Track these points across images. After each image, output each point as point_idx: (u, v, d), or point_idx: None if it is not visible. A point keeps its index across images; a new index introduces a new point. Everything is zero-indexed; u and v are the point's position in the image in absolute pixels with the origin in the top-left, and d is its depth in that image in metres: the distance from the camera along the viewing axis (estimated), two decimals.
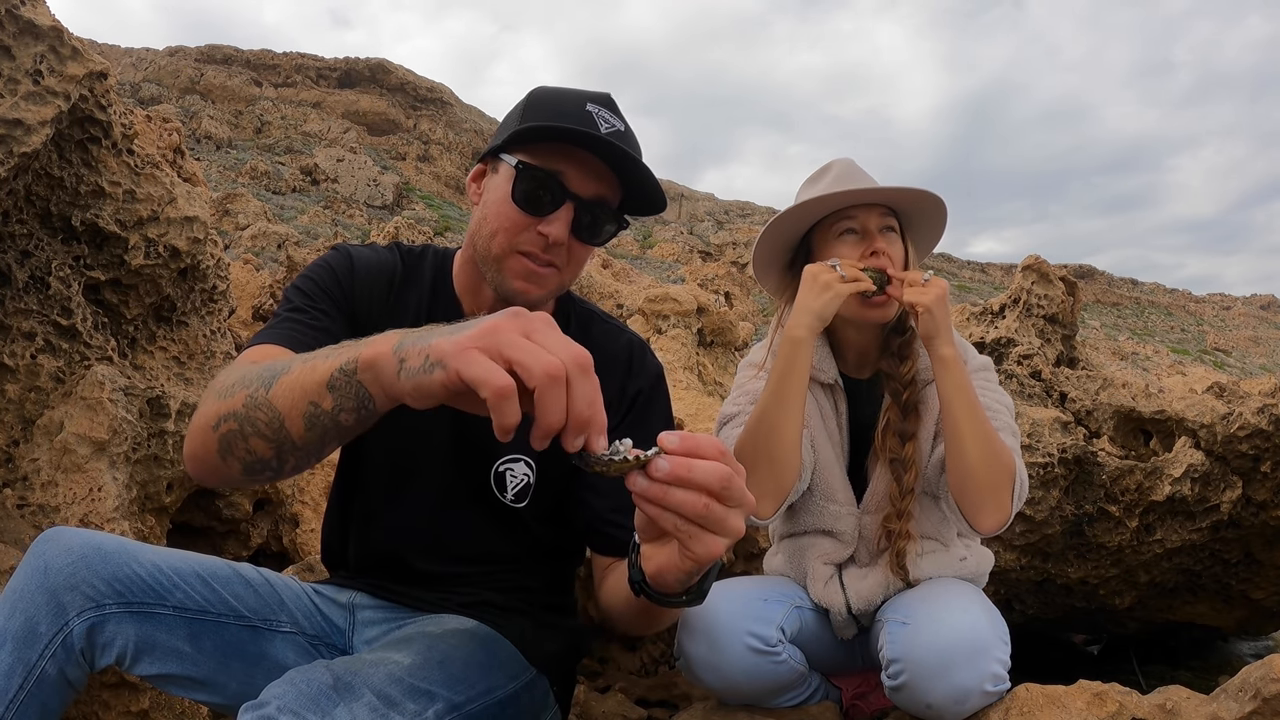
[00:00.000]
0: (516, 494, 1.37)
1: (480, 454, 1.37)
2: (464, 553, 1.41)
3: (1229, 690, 1.32)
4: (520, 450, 1.37)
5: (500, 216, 1.24)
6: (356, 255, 1.39)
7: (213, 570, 1.30)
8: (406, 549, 1.41)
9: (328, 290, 1.33)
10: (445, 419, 1.35)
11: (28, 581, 1.17)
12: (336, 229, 21.79)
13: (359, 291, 1.35)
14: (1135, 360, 19.53)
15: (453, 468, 1.38)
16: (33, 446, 1.88)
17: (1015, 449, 1.59)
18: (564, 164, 1.22)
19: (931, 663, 1.40)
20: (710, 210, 71.65)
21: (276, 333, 1.23)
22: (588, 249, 1.30)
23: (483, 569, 1.42)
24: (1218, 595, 2.81)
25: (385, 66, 64.15)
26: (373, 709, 1.02)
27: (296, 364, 0.95)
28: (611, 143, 1.19)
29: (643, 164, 1.24)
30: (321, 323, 1.27)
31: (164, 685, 1.28)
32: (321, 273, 1.35)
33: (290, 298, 1.31)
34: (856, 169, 1.71)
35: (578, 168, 1.23)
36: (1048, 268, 2.87)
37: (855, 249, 1.64)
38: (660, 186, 1.27)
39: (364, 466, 1.44)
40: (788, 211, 1.68)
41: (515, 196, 1.23)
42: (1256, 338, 52.25)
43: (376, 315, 1.35)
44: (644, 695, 2.28)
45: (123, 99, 2.02)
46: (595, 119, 1.22)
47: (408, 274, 1.41)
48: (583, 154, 1.22)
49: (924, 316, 1.53)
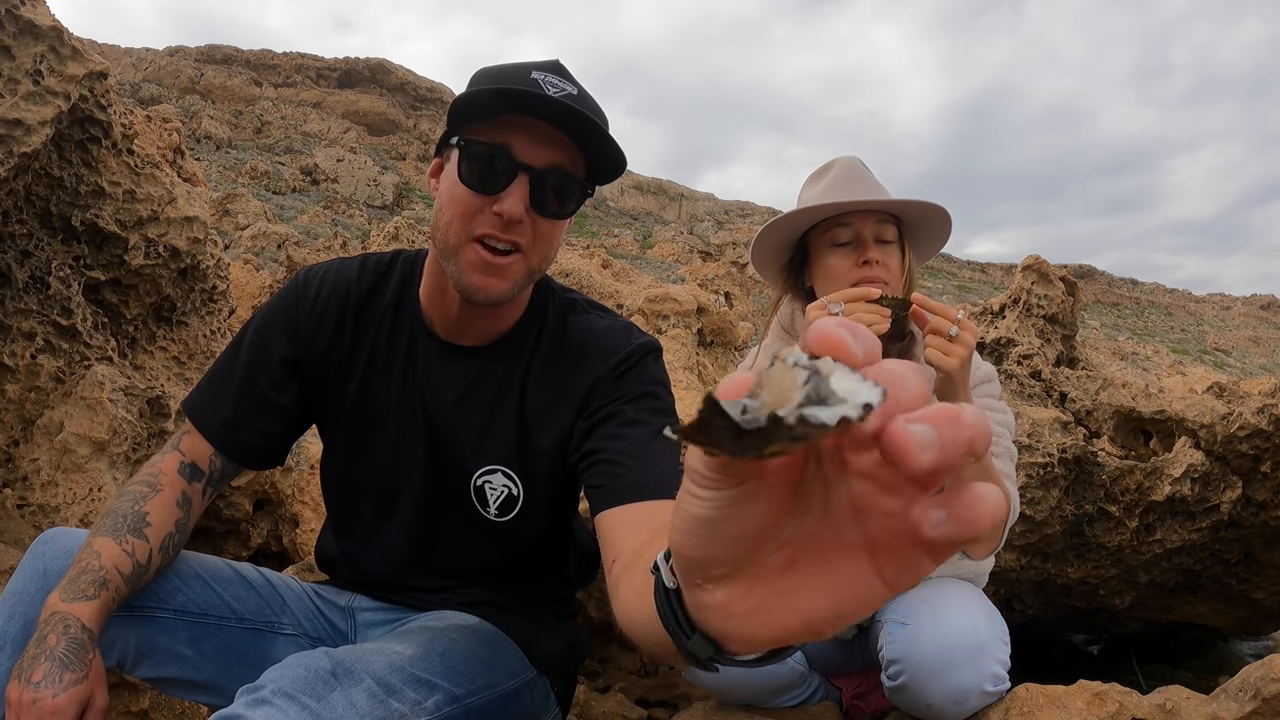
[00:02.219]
0: (499, 507, 1.30)
1: (457, 468, 1.30)
2: (457, 568, 1.38)
3: (1229, 690, 1.32)
4: (497, 460, 1.29)
5: (453, 203, 1.15)
6: (304, 291, 1.34)
7: (214, 572, 1.30)
8: (399, 571, 1.39)
9: (267, 353, 1.32)
10: (421, 437, 1.31)
11: (27, 584, 1.18)
12: (336, 229, 21.78)
13: (303, 328, 1.32)
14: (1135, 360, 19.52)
15: (433, 486, 1.33)
16: (33, 446, 1.88)
17: (1010, 475, 1.55)
18: (512, 135, 1.12)
19: (931, 663, 1.40)
20: (710, 210, 71.67)
21: (206, 408, 1.32)
22: (553, 224, 1.18)
23: (479, 579, 1.40)
24: (1218, 595, 2.81)
25: (385, 66, 64.15)
26: (372, 695, 1.02)
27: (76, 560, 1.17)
28: (559, 103, 1.09)
29: (596, 124, 1.13)
30: (259, 381, 1.31)
31: (165, 688, 1.28)
32: (268, 320, 1.34)
33: (239, 344, 1.34)
34: (858, 170, 1.64)
35: (527, 137, 1.12)
36: (1048, 268, 2.87)
37: (849, 258, 1.56)
38: (619, 148, 1.16)
39: (346, 495, 1.42)
40: (780, 219, 1.62)
41: (463, 176, 1.13)
42: (1256, 338, 52.25)
43: (329, 348, 1.32)
44: (644, 695, 2.28)
45: (123, 99, 2.02)
46: (542, 84, 1.12)
47: (366, 296, 1.34)
48: (532, 122, 1.12)
49: (943, 381, 1.37)
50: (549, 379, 1.27)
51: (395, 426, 1.33)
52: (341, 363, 1.33)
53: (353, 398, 1.34)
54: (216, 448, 1.32)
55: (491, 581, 1.40)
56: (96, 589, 1.13)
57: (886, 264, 1.54)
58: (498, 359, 1.29)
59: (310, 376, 1.34)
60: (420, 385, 1.30)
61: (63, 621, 1.09)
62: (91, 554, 1.16)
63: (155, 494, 1.25)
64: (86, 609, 1.11)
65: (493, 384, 1.28)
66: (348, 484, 1.40)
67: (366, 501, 1.39)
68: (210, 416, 1.32)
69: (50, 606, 1.12)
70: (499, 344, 1.29)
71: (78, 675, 1.07)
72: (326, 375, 1.34)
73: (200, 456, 1.31)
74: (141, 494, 1.25)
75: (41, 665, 1.06)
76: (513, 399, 1.28)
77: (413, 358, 1.31)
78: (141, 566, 1.19)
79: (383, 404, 1.33)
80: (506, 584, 1.41)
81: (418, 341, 1.31)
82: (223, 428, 1.32)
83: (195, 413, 1.34)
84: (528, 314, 1.31)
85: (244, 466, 1.37)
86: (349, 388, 1.34)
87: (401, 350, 1.32)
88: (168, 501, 1.25)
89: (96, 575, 1.14)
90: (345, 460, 1.39)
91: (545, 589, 1.46)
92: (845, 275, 1.54)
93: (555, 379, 1.27)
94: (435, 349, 1.30)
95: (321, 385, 1.35)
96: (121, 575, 1.16)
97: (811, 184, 1.68)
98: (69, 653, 1.08)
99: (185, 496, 1.28)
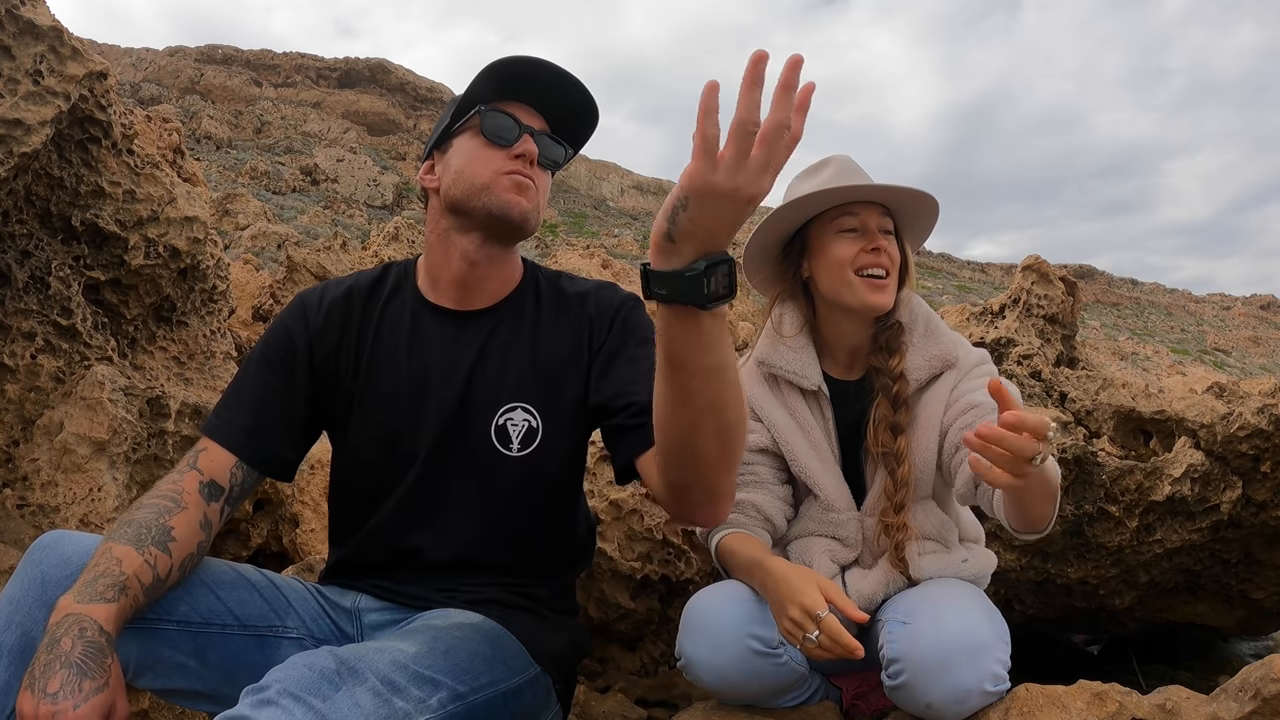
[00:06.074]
0: (521, 441, 1.39)
1: (478, 416, 1.39)
2: (477, 536, 1.40)
3: (1229, 690, 1.32)
4: (516, 397, 1.40)
5: (476, 159, 1.37)
6: (309, 301, 1.46)
7: (217, 576, 1.29)
8: (420, 533, 1.40)
9: (281, 356, 1.41)
10: (436, 403, 1.39)
11: (25, 593, 1.14)
12: (336, 229, 21.77)
13: (315, 337, 1.43)
14: (1135, 360, 19.53)
15: (453, 448, 1.39)
16: (33, 446, 1.88)
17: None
18: (513, 109, 1.40)
19: (931, 662, 1.40)
20: None
21: (225, 423, 1.36)
22: (546, 177, 1.44)
23: (492, 554, 1.41)
24: (1218, 595, 2.81)
25: (385, 67, 64.15)
26: (376, 694, 1.01)
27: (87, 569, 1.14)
28: (544, 91, 1.40)
29: (571, 105, 1.43)
30: (275, 386, 1.40)
31: (168, 698, 1.27)
32: (276, 334, 1.43)
33: (249, 362, 1.43)
34: (855, 166, 1.70)
35: (524, 111, 1.41)
36: (1048, 268, 2.87)
37: (855, 245, 1.64)
38: (593, 115, 1.46)
39: (364, 479, 1.44)
40: (790, 204, 1.66)
41: (486, 132, 1.37)
42: (1256, 338, 52.23)
43: (339, 346, 1.44)
44: (644, 695, 2.28)
45: (123, 99, 2.02)
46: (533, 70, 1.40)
47: (367, 292, 1.47)
48: (524, 108, 1.42)
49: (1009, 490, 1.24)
50: (556, 324, 1.44)
51: (411, 401, 1.40)
52: (351, 355, 1.42)
53: (363, 385, 1.41)
54: (240, 456, 1.33)
55: (507, 557, 1.41)
56: (116, 593, 1.09)
57: (890, 253, 1.64)
58: (504, 317, 1.44)
59: (323, 376, 1.42)
60: (432, 356, 1.41)
61: (78, 624, 1.04)
62: (111, 559, 1.12)
63: (180, 510, 1.23)
64: (104, 611, 1.07)
65: (504, 335, 1.43)
66: (366, 468, 1.42)
67: (389, 480, 1.41)
68: (231, 429, 1.35)
69: (63, 608, 1.07)
70: (503, 305, 1.45)
71: (98, 683, 1.02)
72: (338, 372, 1.42)
73: (220, 472, 1.31)
74: (166, 508, 1.23)
75: (58, 673, 1.00)
76: (525, 344, 1.42)
77: (417, 334, 1.42)
78: (160, 580, 1.17)
79: (394, 384, 1.41)
80: (516, 578, 1.42)
81: (422, 319, 1.43)
82: (244, 436, 1.34)
83: (215, 430, 1.35)
84: (522, 283, 1.48)
85: (265, 475, 1.39)
86: (359, 377, 1.42)
87: (404, 332, 1.43)
88: (191, 520, 1.24)
89: (116, 579, 1.10)
90: (361, 447, 1.42)
91: (551, 586, 1.47)
92: (851, 261, 1.63)
93: (562, 322, 1.44)
94: (446, 319, 1.43)
95: (333, 382, 1.42)
96: (141, 585, 1.13)
97: (806, 179, 1.70)
98: (86, 658, 1.02)
99: (206, 519, 1.27)
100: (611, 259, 5.31)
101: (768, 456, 1.74)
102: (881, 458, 1.65)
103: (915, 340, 1.69)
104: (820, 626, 1.38)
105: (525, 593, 1.43)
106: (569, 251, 6.18)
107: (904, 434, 1.64)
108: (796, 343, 1.72)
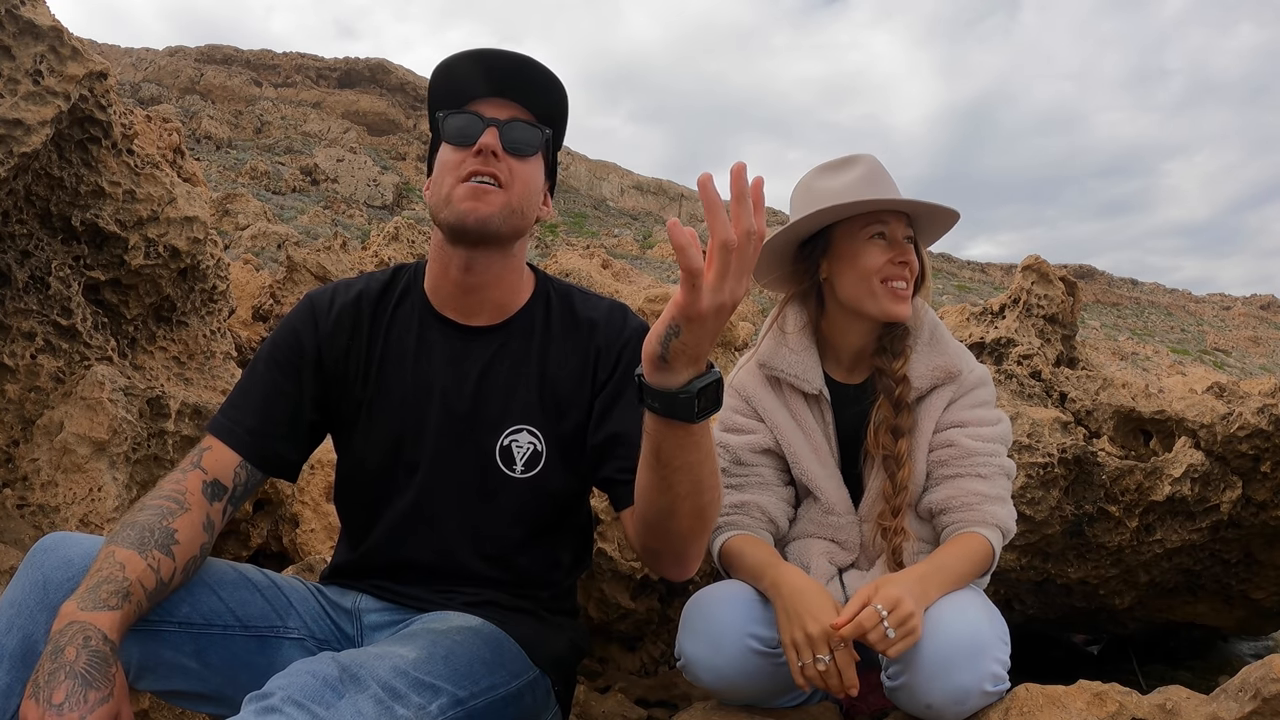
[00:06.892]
0: (525, 463, 1.40)
1: (483, 435, 1.39)
2: (478, 545, 1.40)
3: (1229, 690, 1.32)
4: (522, 420, 1.40)
5: (443, 166, 1.37)
6: (319, 302, 1.46)
7: (218, 576, 1.29)
8: (420, 544, 1.41)
9: (289, 358, 1.41)
10: (442, 417, 1.38)
11: (26, 596, 1.14)
12: (336, 229, 21.77)
13: (324, 340, 1.43)
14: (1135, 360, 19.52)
15: (456, 461, 1.39)
16: (33, 446, 1.88)
17: (1004, 494, 1.62)
18: (478, 105, 1.38)
19: (931, 663, 1.40)
20: None
21: (230, 422, 1.36)
22: (525, 163, 1.38)
23: (494, 561, 1.41)
24: (1218, 595, 2.81)
25: (385, 67, 64.17)
26: (378, 701, 1.02)
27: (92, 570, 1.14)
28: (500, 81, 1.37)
29: (532, 88, 1.39)
30: (282, 387, 1.40)
31: (169, 700, 1.27)
32: (285, 335, 1.43)
33: (256, 362, 1.42)
34: (884, 172, 1.71)
35: (489, 105, 1.38)
36: (1048, 268, 2.87)
37: (885, 253, 1.65)
38: (559, 95, 1.42)
39: (368, 489, 1.44)
40: (829, 209, 1.65)
41: (448, 136, 1.37)
42: (1256, 338, 52.24)
43: (348, 350, 1.43)
44: (644, 695, 2.28)
45: (123, 99, 2.02)
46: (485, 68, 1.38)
47: (378, 296, 1.46)
48: (489, 101, 1.39)
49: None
50: (565, 347, 1.43)
51: (415, 411, 1.39)
52: (360, 360, 1.42)
53: (371, 392, 1.41)
54: (244, 456, 1.33)
55: (506, 571, 1.41)
56: (119, 600, 1.08)
57: (911, 262, 1.67)
58: (513, 335, 1.43)
59: (331, 379, 1.42)
60: (436, 368, 1.40)
61: (82, 632, 1.04)
62: (115, 564, 1.11)
63: (184, 512, 1.23)
64: (108, 619, 1.06)
65: (512, 355, 1.42)
66: (370, 474, 1.42)
67: (391, 487, 1.41)
68: (236, 428, 1.35)
69: (66, 615, 1.06)
70: (512, 321, 1.44)
71: (103, 694, 1.01)
72: (346, 376, 1.42)
73: (224, 472, 1.31)
74: (169, 510, 1.22)
75: (63, 683, 0.99)
76: (533, 365, 1.42)
77: (424, 343, 1.41)
78: (163, 584, 1.17)
79: (400, 391, 1.40)
80: (517, 582, 1.42)
81: (429, 329, 1.42)
82: (250, 436, 1.34)
83: (220, 429, 1.35)
84: (533, 298, 1.47)
85: (269, 475, 1.39)
86: (368, 383, 1.41)
87: (412, 339, 1.42)
88: (195, 522, 1.24)
89: (120, 586, 1.09)
90: (365, 453, 1.41)
91: (551, 587, 1.47)
92: (879, 270, 1.65)
93: (570, 347, 1.43)
94: (454, 332, 1.42)
95: (340, 386, 1.42)
96: (144, 590, 1.13)
97: (832, 175, 1.70)
98: (91, 668, 1.02)
99: (209, 520, 1.27)
100: (611, 259, 5.31)
101: (771, 458, 1.74)
102: (882, 460, 1.65)
103: (919, 346, 1.69)
104: (835, 656, 1.40)
105: (525, 595, 1.43)
106: (569, 251, 6.18)
107: (905, 437, 1.64)
108: (799, 345, 1.72)
